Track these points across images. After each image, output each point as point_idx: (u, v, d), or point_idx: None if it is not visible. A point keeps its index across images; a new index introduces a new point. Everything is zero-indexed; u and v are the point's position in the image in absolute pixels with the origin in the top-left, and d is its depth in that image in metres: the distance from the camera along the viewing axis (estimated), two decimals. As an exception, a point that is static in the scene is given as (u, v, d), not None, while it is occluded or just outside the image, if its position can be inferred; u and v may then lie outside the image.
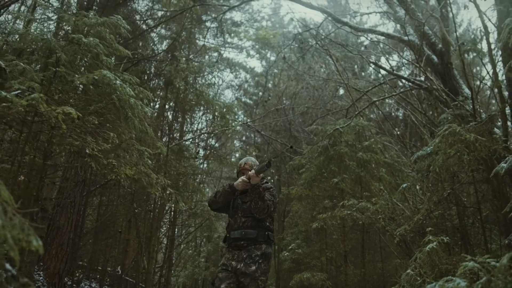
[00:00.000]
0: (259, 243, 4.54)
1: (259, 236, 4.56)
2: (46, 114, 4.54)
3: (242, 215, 4.70)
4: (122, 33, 6.26)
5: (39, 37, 5.45)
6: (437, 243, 5.94)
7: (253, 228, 4.61)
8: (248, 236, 4.55)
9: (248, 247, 4.52)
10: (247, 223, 4.64)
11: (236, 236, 4.60)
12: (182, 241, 16.63)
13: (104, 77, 5.18)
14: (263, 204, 4.49)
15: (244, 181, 4.65)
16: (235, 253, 4.55)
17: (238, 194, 4.84)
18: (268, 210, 4.55)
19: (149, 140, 6.37)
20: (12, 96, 4.42)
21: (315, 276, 10.87)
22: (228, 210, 4.89)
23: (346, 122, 10.87)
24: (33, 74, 5.02)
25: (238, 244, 4.57)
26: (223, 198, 4.82)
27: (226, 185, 4.88)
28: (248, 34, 18.17)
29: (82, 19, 5.78)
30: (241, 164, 5.13)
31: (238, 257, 4.50)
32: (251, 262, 4.43)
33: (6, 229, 2.33)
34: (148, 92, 6.12)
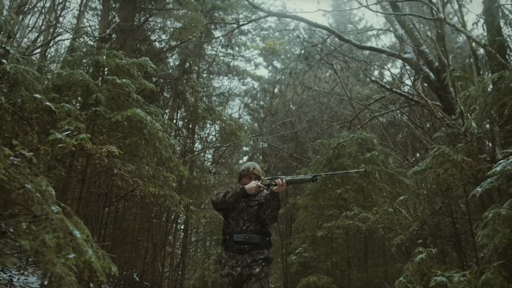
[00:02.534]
0: (261, 248, 4.72)
1: (262, 242, 4.73)
2: (92, 150, 5.59)
3: (247, 219, 4.81)
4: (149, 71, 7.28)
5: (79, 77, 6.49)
6: (426, 254, 6.96)
7: (257, 233, 4.74)
8: (252, 241, 4.69)
9: (251, 252, 4.67)
10: (251, 228, 4.76)
11: (240, 240, 4.71)
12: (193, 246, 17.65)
13: (136, 115, 6.23)
14: (277, 212, 4.74)
15: (259, 187, 4.78)
16: (238, 258, 4.67)
17: (246, 198, 4.93)
18: (277, 218, 4.83)
19: (173, 165, 7.41)
20: (64, 137, 5.47)
21: (321, 279, 11.79)
22: (228, 211, 4.96)
23: (349, 135, 11.84)
24: (77, 113, 6.08)
25: (241, 247, 4.69)
26: (232, 200, 4.83)
27: (238, 188, 4.89)
28: (256, 44, 19.23)
29: (115, 61, 6.82)
30: (249, 168, 5.20)
31: (242, 262, 4.63)
32: (255, 265, 4.59)
33: (96, 260, 3.42)
34: (172, 123, 7.20)
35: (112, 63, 6.91)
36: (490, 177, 5.74)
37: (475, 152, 7.84)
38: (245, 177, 5.14)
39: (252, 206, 4.87)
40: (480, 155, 7.66)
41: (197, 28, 10.61)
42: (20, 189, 3.55)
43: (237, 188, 4.85)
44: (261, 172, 5.20)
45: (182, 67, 14.64)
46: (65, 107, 6.01)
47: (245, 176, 5.14)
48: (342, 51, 14.63)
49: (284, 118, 17.17)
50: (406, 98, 11.42)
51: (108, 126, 6.48)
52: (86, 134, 5.56)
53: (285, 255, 16.20)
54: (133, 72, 7.06)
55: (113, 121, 6.26)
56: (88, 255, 3.31)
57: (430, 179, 7.78)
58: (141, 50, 12.97)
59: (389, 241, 9.93)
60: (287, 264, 15.44)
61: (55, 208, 3.57)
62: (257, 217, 4.79)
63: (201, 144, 16.60)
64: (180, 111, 15.35)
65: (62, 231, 3.37)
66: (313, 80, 17.10)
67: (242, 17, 18.31)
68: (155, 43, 13.55)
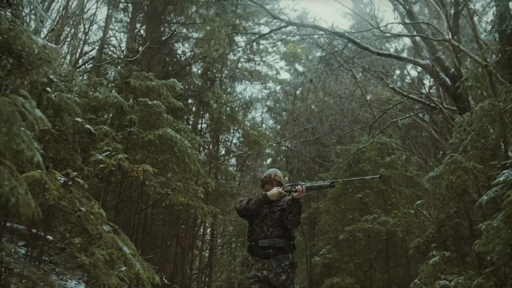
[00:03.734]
0: (286, 252, 4.87)
1: (287, 245, 4.90)
2: (129, 169, 6.30)
3: (270, 224, 4.97)
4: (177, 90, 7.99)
5: (114, 99, 7.22)
6: (439, 257, 7.52)
7: (281, 237, 4.90)
8: (277, 245, 4.85)
9: (276, 256, 4.84)
10: (275, 232, 4.92)
11: (266, 245, 4.88)
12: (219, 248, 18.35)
13: (166, 134, 6.94)
14: (299, 217, 4.89)
15: (280, 193, 4.95)
16: (264, 262, 4.85)
17: (268, 205, 5.08)
18: (299, 222, 4.98)
19: (201, 177, 8.12)
20: (104, 158, 6.19)
21: (344, 280, 12.34)
22: (252, 217, 5.13)
23: (369, 140, 12.42)
24: (113, 134, 6.80)
25: (266, 252, 4.87)
26: (256, 206, 5.00)
27: (260, 194, 5.05)
28: (277, 48, 19.91)
29: (146, 83, 7.54)
30: (270, 175, 5.34)
31: (268, 266, 4.80)
32: (281, 272, 4.75)
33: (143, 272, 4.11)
34: (198, 138, 7.92)
35: (143, 85, 7.63)
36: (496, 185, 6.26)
37: (488, 158, 8.29)
38: (267, 183, 5.30)
39: (275, 211, 5.02)
40: (492, 162, 8.13)
41: (220, 45, 11.27)
42: (76, 212, 4.25)
43: (260, 195, 5.05)
44: (282, 178, 5.36)
45: (206, 75, 15.36)
46: (103, 128, 6.73)
47: (267, 183, 5.30)
48: (362, 55, 15.22)
49: (306, 123, 17.74)
50: (423, 103, 11.92)
51: (141, 144, 7.20)
52: (123, 154, 6.28)
53: (310, 257, 16.73)
54: (162, 92, 7.77)
55: (146, 140, 6.98)
56: (137, 267, 3.98)
57: (443, 185, 8.28)
58: (167, 64, 13.74)
59: (407, 243, 10.43)
60: (312, 265, 15.94)
61: (106, 227, 4.26)
62: (280, 222, 4.95)
63: (225, 149, 17.34)
64: (204, 118, 16.13)
65: (114, 248, 4.05)
66: (334, 82, 17.67)
67: (263, 21, 19.02)
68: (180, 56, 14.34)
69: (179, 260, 13.62)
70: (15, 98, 2.45)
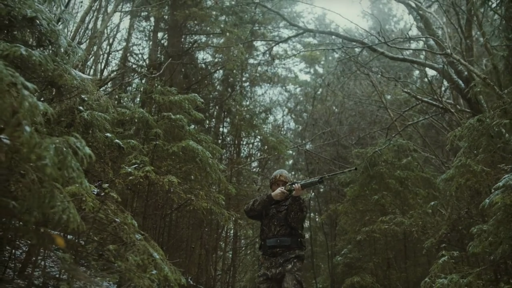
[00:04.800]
0: (293, 249, 5.06)
1: (293, 243, 5.07)
2: (156, 180, 6.99)
3: (277, 223, 5.18)
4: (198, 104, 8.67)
5: (140, 114, 7.91)
6: (448, 257, 8.05)
7: (287, 236, 5.09)
8: (283, 244, 5.05)
9: (283, 253, 5.03)
10: (281, 231, 5.12)
11: (272, 244, 5.09)
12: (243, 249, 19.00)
13: (189, 145, 7.62)
14: (301, 215, 5.06)
15: (283, 192, 5.18)
16: (272, 260, 5.06)
17: (273, 203, 5.30)
18: (304, 220, 5.22)
19: (222, 185, 8.80)
20: (133, 170, 6.88)
21: (364, 279, 12.87)
22: (262, 218, 5.37)
23: (385, 143, 12.93)
24: (140, 147, 7.50)
25: (274, 251, 5.07)
26: (260, 207, 5.27)
27: (264, 195, 5.34)
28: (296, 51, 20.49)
29: (169, 98, 8.23)
30: (276, 176, 5.57)
31: (276, 264, 5.01)
32: (287, 263, 4.95)
33: (171, 275, 4.77)
34: (219, 148, 8.60)
35: (166, 99, 8.32)
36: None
37: (498, 161, 8.75)
38: (274, 184, 5.53)
39: (281, 211, 5.23)
40: (500, 165, 8.59)
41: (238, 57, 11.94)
42: (111, 223, 4.93)
43: (264, 196, 5.35)
44: (288, 178, 5.55)
45: (226, 81, 16.04)
46: (131, 142, 7.42)
47: (274, 184, 5.53)
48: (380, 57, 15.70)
49: (325, 125, 18.28)
50: (437, 107, 12.39)
51: (166, 156, 7.90)
52: (150, 166, 6.96)
53: (331, 256, 17.27)
54: (185, 106, 8.45)
55: (170, 152, 7.66)
56: (166, 271, 4.64)
57: (453, 188, 8.77)
58: (188, 74, 14.45)
59: (421, 243, 10.92)
60: (333, 265, 16.46)
61: (138, 236, 4.93)
62: (286, 221, 5.15)
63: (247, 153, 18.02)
64: (225, 122, 16.82)
65: (145, 254, 4.72)
66: (353, 83, 18.19)
67: (282, 25, 19.62)
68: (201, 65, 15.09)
69: (204, 261, 14.27)
70: (68, 138, 3.12)
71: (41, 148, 3.04)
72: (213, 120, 17.28)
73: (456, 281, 5.21)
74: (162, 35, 15.32)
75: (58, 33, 4.50)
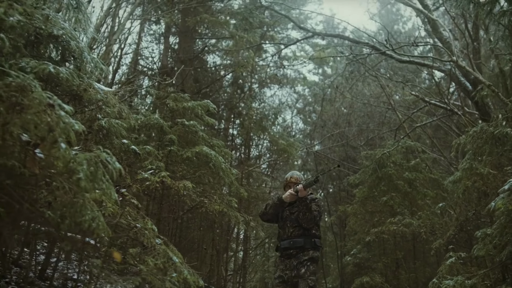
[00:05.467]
0: (307, 250, 5.11)
1: (306, 244, 5.12)
2: (171, 185, 7.30)
3: (290, 225, 5.27)
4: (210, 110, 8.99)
5: (154, 121, 8.23)
6: (455, 258, 8.30)
7: (300, 236, 5.16)
8: (296, 245, 5.12)
9: (297, 255, 5.10)
10: (295, 233, 5.19)
11: (286, 246, 5.19)
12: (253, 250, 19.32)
13: (202, 151, 7.93)
14: (311, 214, 5.09)
15: (292, 194, 5.24)
16: (287, 262, 5.15)
17: (286, 205, 5.38)
18: (315, 220, 5.14)
19: (234, 188, 9.11)
20: (149, 175, 7.19)
21: (373, 279, 13.11)
22: (278, 221, 5.48)
23: (394, 145, 13.19)
24: (156, 153, 7.81)
25: (288, 253, 5.17)
26: (273, 210, 5.43)
27: (275, 198, 5.48)
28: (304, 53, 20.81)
29: (183, 104, 8.55)
30: (287, 178, 5.71)
31: (290, 266, 5.09)
32: (300, 266, 5.01)
33: (189, 277, 5.07)
34: (231, 152, 8.90)
35: (180, 106, 8.64)
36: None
37: (505, 163, 8.96)
38: (286, 186, 5.64)
39: (293, 212, 5.31)
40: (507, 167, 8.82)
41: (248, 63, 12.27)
42: (133, 228, 5.24)
43: (275, 199, 5.48)
44: (299, 179, 5.62)
45: (236, 84, 16.36)
46: (146, 148, 7.73)
47: (286, 186, 5.64)
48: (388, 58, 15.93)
49: (334, 126, 18.54)
50: (445, 109, 12.63)
51: (180, 160, 8.22)
52: (165, 172, 7.27)
53: (341, 257, 17.51)
54: (198, 112, 8.76)
55: (185, 157, 7.98)
56: (185, 273, 4.94)
57: (460, 190, 9.01)
58: (199, 78, 14.78)
59: (429, 244, 11.15)
60: (343, 265, 16.70)
61: (158, 240, 5.23)
62: (298, 222, 5.23)
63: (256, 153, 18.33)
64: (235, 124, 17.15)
65: (165, 258, 5.02)
66: (361, 84, 18.41)
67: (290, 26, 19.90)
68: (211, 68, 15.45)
69: (215, 262, 14.59)
70: (100, 153, 3.42)
71: (75, 162, 3.35)
72: (223, 121, 17.59)
73: (461, 283, 5.48)
74: (173, 39, 15.66)
75: (82, 49, 4.80)
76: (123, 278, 4.89)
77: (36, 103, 3.24)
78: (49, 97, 3.21)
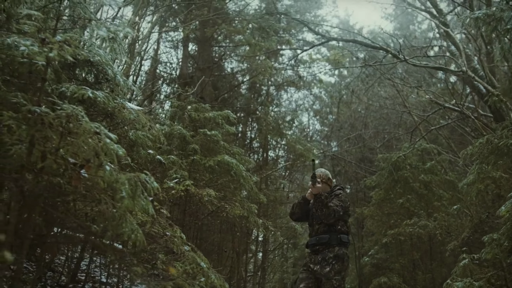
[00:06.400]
0: (332, 246, 5.13)
1: (332, 240, 5.15)
2: (195, 193, 7.79)
3: (316, 222, 5.33)
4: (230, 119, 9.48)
5: (178, 131, 8.73)
6: (468, 260, 8.67)
7: (325, 233, 5.20)
8: (322, 241, 5.18)
9: (323, 251, 5.13)
10: (320, 229, 5.25)
11: (313, 242, 5.28)
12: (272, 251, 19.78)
13: (224, 160, 8.42)
14: (328, 210, 5.01)
15: (310, 192, 5.30)
16: (313, 257, 5.23)
17: (312, 203, 5.35)
18: (335, 215, 5.06)
19: (254, 195, 9.60)
20: (174, 184, 7.69)
21: (391, 280, 13.45)
22: (308, 218, 5.55)
23: (409, 147, 13.55)
24: (180, 162, 8.31)
25: (314, 249, 5.25)
26: (298, 209, 5.50)
27: (300, 197, 5.55)
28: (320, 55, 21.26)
29: (204, 114, 9.04)
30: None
31: (315, 260, 5.16)
32: (325, 264, 5.03)
33: (217, 281, 5.57)
34: (250, 159, 9.41)
35: (201, 116, 9.14)
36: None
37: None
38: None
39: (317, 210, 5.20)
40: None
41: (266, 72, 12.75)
42: (163, 237, 5.72)
43: (300, 198, 5.54)
44: (323, 176, 5.59)
45: (253, 88, 16.83)
46: (170, 158, 8.24)
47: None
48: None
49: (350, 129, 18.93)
50: (459, 112, 12.96)
51: (203, 169, 8.72)
52: (190, 180, 7.77)
53: (359, 257, 17.87)
54: (219, 121, 9.26)
55: (207, 166, 8.47)
56: (212, 278, 5.41)
57: (474, 193, 9.35)
58: (217, 85, 15.29)
59: (445, 244, 11.51)
60: (361, 266, 17.06)
61: (187, 247, 5.72)
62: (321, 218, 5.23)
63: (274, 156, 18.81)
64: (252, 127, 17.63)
65: (194, 263, 5.50)
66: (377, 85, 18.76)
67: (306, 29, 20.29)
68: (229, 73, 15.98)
69: (235, 263, 15.05)
70: (139, 174, 3.92)
71: (118, 183, 3.85)
72: (240, 125, 18.06)
73: (469, 285, 5.89)
74: (192, 45, 16.18)
75: (115, 73, 5.30)
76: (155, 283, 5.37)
77: (84, 132, 3.74)
78: (96, 127, 3.71)
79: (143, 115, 5.86)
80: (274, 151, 18.77)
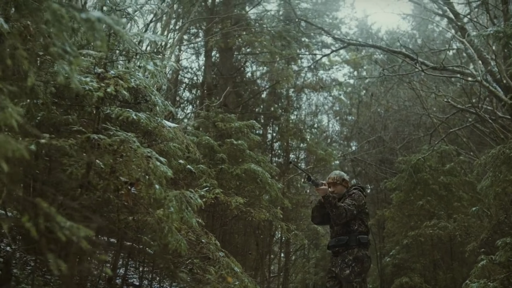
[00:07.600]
0: (351, 248, 5.24)
1: (351, 241, 5.26)
2: (224, 201, 8.37)
3: (335, 224, 5.45)
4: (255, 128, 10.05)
5: (206, 141, 9.31)
6: (487, 261, 9.11)
7: (343, 234, 5.33)
8: (341, 243, 5.30)
9: (343, 253, 5.27)
10: (339, 231, 5.39)
11: (333, 244, 5.44)
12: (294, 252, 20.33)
13: (250, 168, 9.00)
14: (337, 210, 5.14)
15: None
16: (334, 259, 5.40)
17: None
18: (347, 214, 5.18)
19: (279, 200, 10.17)
20: (205, 192, 8.26)
21: (413, 280, 13.90)
22: (329, 221, 5.63)
23: (429, 150, 13.99)
24: (209, 171, 8.89)
25: (334, 251, 5.42)
26: (317, 213, 5.64)
27: (317, 200, 5.68)
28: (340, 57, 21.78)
29: (230, 124, 9.63)
30: (328, 178, 5.82)
31: (336, 263, 5.32)
32: (345, 267, 5.15)
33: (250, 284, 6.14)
34: (275, 167, 9.98)
35: (228, 126, 9.73)
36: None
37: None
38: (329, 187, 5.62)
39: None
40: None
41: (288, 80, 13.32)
42: (199, 244, 6.30)
43: (317, 201, 5.67)
44: (336, 178, 5.76)
45: (273, 93, 17.39)
46: (200, 167, 8.82)
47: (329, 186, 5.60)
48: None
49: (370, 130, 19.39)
50: (477, 115, 13.35)
51: (230, 177, 9.30)
52: (219, 189, 8.35)
53: (380, 258, 18.33)
54: (244, 130, 9.84)
55: (234, 174, 9.06)
56: (246, 282, 5.97)
57: (491, 196, 9.77)
58: (239, 93, 15.89)
59: (465, 245, 11.91)
60: (382, 266, 17.52)
61: (221, 253, 6.29)
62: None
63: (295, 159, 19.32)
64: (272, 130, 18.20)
65: (228, 268, 6.06)
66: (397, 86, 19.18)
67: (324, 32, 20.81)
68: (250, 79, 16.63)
69: (259, 265, 15.60)
70: (184, 192, 4.50)
71: (166, 199, 4.44)
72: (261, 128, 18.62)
73: (484, 285, 6.38)
74: (214, 52, 16.77)
75: (154, 95, 5.89)
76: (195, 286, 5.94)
77: (136, 155, 4.33)
78: (148, 151, 4.29)
79: (179, 132, 6.44)
80: (294, 153, 19.29)
